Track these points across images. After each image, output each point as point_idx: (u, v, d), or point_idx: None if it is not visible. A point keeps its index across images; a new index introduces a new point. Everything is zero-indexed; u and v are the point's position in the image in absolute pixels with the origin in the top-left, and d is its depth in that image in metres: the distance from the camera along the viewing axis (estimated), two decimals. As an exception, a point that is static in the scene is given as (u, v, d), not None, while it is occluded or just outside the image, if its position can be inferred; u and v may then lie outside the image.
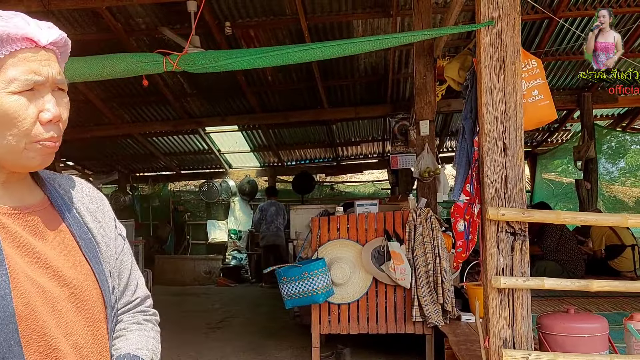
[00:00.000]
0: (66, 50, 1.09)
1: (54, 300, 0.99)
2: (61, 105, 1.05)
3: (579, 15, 6.84)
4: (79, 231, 1.10)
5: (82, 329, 1.03)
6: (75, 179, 1.21)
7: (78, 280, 1.04)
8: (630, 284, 2.87)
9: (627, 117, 10.10)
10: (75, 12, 6.42)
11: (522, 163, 2.71)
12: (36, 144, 1.01)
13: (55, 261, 1.03)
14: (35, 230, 1.04)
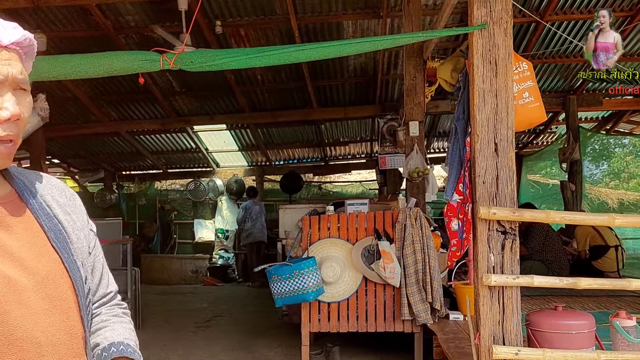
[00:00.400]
0: (31, 51, 1.09)
1: (19, 290, 1.00)
2: (22, 105, 1.05)
3: (565, 19, 6.94)
4: (48, 222, 1.10)
5: (51, 317, 1.03)
6: (44, 175, 1.22)
7: (45, 269, 1.05)
8: (615, 281, 2.93)
9: (611, 120, 10.26)
10: (64, 9, 6.39)
11: (513, 163, 2.76)
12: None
13: (21, 251, 1.03)
14: (1, 222, 1.04)
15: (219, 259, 11.35)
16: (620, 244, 6.82)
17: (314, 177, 13.32)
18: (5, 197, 1.08)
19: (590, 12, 6.78)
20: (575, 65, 8.34)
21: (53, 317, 1.03)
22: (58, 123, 8.98)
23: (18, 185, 1.11)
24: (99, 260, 1.25)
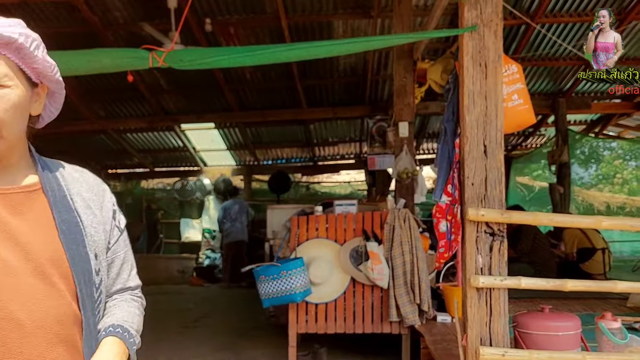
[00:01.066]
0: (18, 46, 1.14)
1: (14, 274, 1.08)
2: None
3: (555, 22, 6.99)
4: (64, 215, 1.18)
5: (42, 303, 1.10)
6: (79, 170, 1.32)
7: (45, 257, 1.12)
8: (602, 283, 2.95)
9: (600, 123, 10.35)
10: (52, 5, 6.33)
11: (501, 165, 2.76)
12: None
13: (26, 237, 1.11)
14: (15, 209, 1.13)
15: (206, 259, 11.29)
16: (607, 247, 6.87)
17: (303, 177, 13.31)
18: (29, 187, 1.18)
19: (579, 15, 6.83)
20: (564, 68, 8.40)
21: (44, 303, 1.10)
22: (44, 120, 8.87)
23: (43, 177, 1.20)
24: (118, 255, 1.32)
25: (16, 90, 1.14)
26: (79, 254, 1.17)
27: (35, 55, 1.17)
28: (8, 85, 1.13)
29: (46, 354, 1.10)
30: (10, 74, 1.13)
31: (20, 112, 1.16)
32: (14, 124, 1.15)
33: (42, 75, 1.22)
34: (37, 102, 1.24)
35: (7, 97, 1.12)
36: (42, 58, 1.19)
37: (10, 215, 1.12)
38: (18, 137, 1.19)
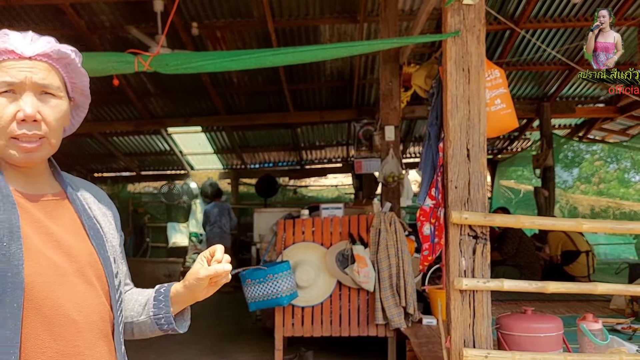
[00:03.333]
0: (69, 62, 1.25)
1: (63, 274, 1.17)
2: (45, 107, 1.20)
3: (539, 27, 7.07)
4: (88, 221, 1.28)
5: (87, 301, 1.20)
6: (89, 183, 1.42)
7: (84, 259, 1.22)
8: (582, 285, 2.99)
9: (584, 127, 10.47)
10: (38, 8, 6.29)
11: (484, 169, 2.80)
12: (14, 140, 1.17)
13: (66, 241, 1.20)
14: (50, 214, 1.22)
15: (193, 263, 11.21)
16: (591, 250, 6.95)
17: (290, 181, 13.31)
18: (56, 195, 1.27)
19: (563, 21, 6.92)
20: (549, 73, 8.50)
21: (89, 301, 1.20)
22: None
23: (66, 187, 1.30)
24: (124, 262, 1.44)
25: (65, 102, 1.24)
26: (106, 257, 1.27)
27: (80, 70, 1.28)
28: (60, 96, 1.23)
29: (95, 348, 1.19)
30: (61, 87, 1.23)
31: (64, 122, 1.26)
32: (59, 133, 1.24)
33: (77, 89, 1.31)
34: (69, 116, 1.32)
35: (60, 107, 1.22)
36: (83, 74, 1.30)
37: (49, 221, 1.21)
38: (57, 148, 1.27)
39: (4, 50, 1.18)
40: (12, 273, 1.09)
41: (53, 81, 1.21)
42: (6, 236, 1.10)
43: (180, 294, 1.37)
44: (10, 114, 1.16)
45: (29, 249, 1.13)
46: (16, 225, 1.13)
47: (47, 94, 1.21)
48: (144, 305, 1.40)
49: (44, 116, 1.19)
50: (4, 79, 1.16)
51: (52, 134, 1.21)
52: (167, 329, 1.39)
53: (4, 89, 1.17)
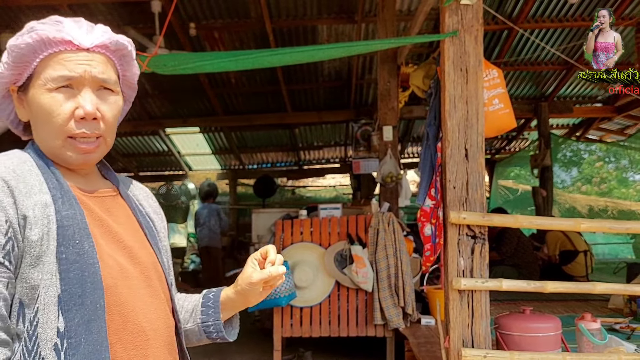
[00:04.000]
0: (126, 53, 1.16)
1: (130, 277, 1.09)
2: (104, 104, 1.11)
3: (536, 27, 7.08)
4: (143, 220, 1.20)
5: (152, 305, 1.11)
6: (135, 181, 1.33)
7: (146, 260, 1.14)
8: (581, 285, 3.00)
9: (582, 127, 10.48)
10: (35, 9, 6.28)
11: (482, 169, 2.80)
12: (72, 140, 1.08)
13: (128, 241, 1.12)
14: (110, 212, 1.14)
15: (191, 263, 11.23)
16: (589, 249, 6.96)
17: (288, 182, 13.30)
18: (111, 192, 1.19)
19: (560, 21, 6.93)
20: (547, 73, 8.51)
21: (153, 306, 1.11)
22: (27, 124, 8.81)
23: (119, 186, 1.22)
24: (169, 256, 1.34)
25: (121, 97, 1.17)
26: (162, 258, 1.20)
27: (134, 64, 1.20)
28: (117, 91, 1.14)
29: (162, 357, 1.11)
30: (117, 81, 1.15)
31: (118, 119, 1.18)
32: (115, 131, 1.16)
33: (127, 83, 1.23)
34: None
35: (117, 103, 1.14)
36: (136, 66, 1.22)
37: (109, 219, 1.12)
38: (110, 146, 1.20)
39: (61, 40, 1.08)
40: (89, 272, 1.01)
41: (111, 75, 1.12)
42: (77, 233, 1.02)
43: (231, 300, 1.28)
44: (68, 112, 1.07)
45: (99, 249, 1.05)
46: (83, 221, 1.05)
47: (105, 90, 1.11)
48: (191, 312, 1.30)
49: (103, 114, 1.10)
50: (61, 73, 1.06)
51: (108, 132, 1.12)
52: (216, 337, 1.30)
53: (61, 84, 1.07)
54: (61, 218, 1.02)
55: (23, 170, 1.06)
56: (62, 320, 0.98)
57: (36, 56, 1.08)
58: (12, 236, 0.98)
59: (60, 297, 0.98)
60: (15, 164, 1.07)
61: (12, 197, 1.00)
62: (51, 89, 1.07)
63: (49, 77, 1.07)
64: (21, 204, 1.00)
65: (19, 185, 1.02)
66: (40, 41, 1.07)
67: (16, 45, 1.08)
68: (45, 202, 1.02)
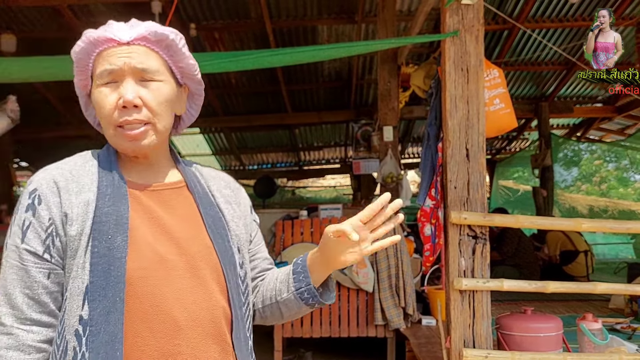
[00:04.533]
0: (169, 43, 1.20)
1: (171, 267, 1.13)
2: (146, 91, 1.16)
3: (537, 27, 7.07)
4: (209, 210, 1.23)
5: (194, 296, 1.14)
6: (215, 170, 1.37)
7: (195, 251, 1.16)
8: (582, 285, 3.00)
9: (582, 127, 10.48)
10: (35, 9, 6.28)
11: (483, 169, 2.80)
12: (119, 129, 1.15)
13: (178, 232, 1.17)
14: (166, 204, 1.20)
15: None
16: (590, 250, 6.95)
17: (288, 182, 13.30)
18: (176, 184, 1.24)
19: (560, 21, 6.93)
20: (547, 73, 8.50)
21: (196, 296, 1.13)
22: (27, 125, 8.81)
23: (187, 176, 1.27)
24: (260, 249, 1.39)
25: (167, 85, 1.20)
26: (224, 248, 1.21)
27: (183, 53, 1.23)
28: (161, 79, 1.18)
29: (199, 348, 1.12)
30: (162, 70, 1.19)
31: (170, 107, 1.21)
32: (165, 118, 1.20)
33: (186, 74, 1.27)
34: (181, 103, 1.29)
35: (160, 90, 1.18)
36: (188, 57, 1.24)
37: (163, 211, 1.18)
38: (167, 134, 1.24)
39: (104, 39, 1.17)
40: (114, 266, 1.08)
41: (152, 64, 1.17)
42: (112, 228, 1.10)
43: (317, 262, 1.28)
44: (113, 102, 1.15)
45: (136, 242, 1.12)
46: (124, 216, 1.12)
47: (148, 80, 1.17)
48: (285, 282, 1.31)
49: (145, 101, 1.15)
50: (104, 67, 1.15)
51: (156, 118, 1.17)
52: (313, 302, 1.29)
53: (107, 80, 1.16)
54: (100, 214, 1.11)
55: (80, 171, 1.17)
56: (87, 309, 1.06)
57: (90, 58, 1.18)
58: (54, 232, 1.10)
59: (88, 287, 1.07)
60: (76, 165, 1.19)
61: (59, 196, 1.12)
62: (100, 84, 1.16)
63: (98, 73, 1.16)
64: (66, 202, 1.12)
65: (70, 185, 1.14)
66: (89, 43, 1.17)
67: (74, 51, 1.19)
68: (88, 201, 1.12)
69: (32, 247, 1.10)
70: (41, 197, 1.12)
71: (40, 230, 1.10)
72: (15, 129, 5.93)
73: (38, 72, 2.79)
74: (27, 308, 1.09)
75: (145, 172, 1.23)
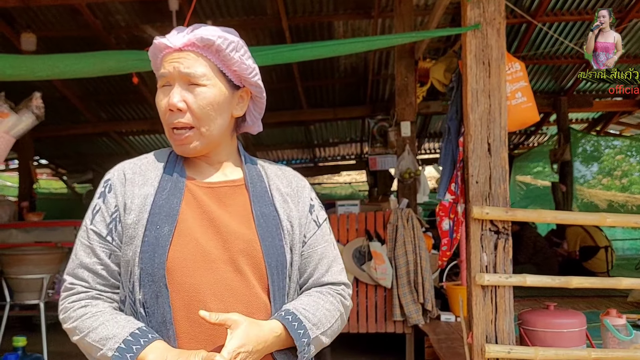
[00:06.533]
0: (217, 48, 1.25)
1: (210, 260, 1.19)
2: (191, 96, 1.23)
3: (556, 21, 6.98)
4: (264, 208, 1.28)
5: (233, 290, 1.18)
6: (283, 169, 1.42)
7: (238, 246, 1.21)
8: (606, 280, 2.95)
9: (601, 121, 10.34)
10: (54, 8, 6.33)
11: (505, 163, 2.77)
12: (171, 131, 1.26)
13: (226, 228, 1.22)
14: (221, 201, 1.27)
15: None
16: (610, 245, 6.87)
17: (303, 179, 13.29)
18: (234, 182, 1.31)
19: (580, 14, 6.83)
20: (565, 67, 8.40)
21: (234, 290, 1.18)
22: (47, 123, 8.90)
23: (247, 173, 1.33)
24: (316, 250, 1.33)
25: (213, 90, 1.24)
26: (273, 246, 1.23)
27: (232, 57, 1.27)
28: (205, 84, 1.24)
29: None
30: (210, 74, 1.24)
31: (217, 110, 1.25)
32: (210, 121, 1.25)
33: (242, 78, 1.31)
34: (239, 105, 1.33)
35: (203, 94, 1.23)
36: (240, 60, 1.28)
37: (216, 207, 1.25)
38: (219, 135, 1.29)
39: (164, 45, 1.25)
40: (158, 254, 1.16)
41: (197, 70, 1.23)
42: (162, 219, 1.19)
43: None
44: (165, 105, 1.24)
45: (182, 233, 1.19)
46: (175, 209, 1.21)
47: (195, 85, 1.24)
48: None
49: (189, 105, 1.23)
50: (160, 72, 1.26)
51: (199, 123, 1.24)
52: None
53: (162, 83, 1.26)
54: (155, 207, 1.21)
55: (149, 166, 1.29)
56: (141, 292, 1.17)
57: (156, 62, 1.30)
58: (117, 218, 1.22)
59: (141, 273, 1.17)
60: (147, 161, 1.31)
61: (124, 186, 1.25)
62: (160, 87, 1.27)
63: (157, 76, 1.28)
64: (129, 192, 1.24)
65: (136, 178, 1.26)
66: (155, 48, 1.28)
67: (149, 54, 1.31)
68: (147, 194, 1.23)
69: (98, 229, 1.23)
70: (112, 186, 1.26)
71: (106, 215, 1.23)
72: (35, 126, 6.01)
73: (61, 69, 2.81)
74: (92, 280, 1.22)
75: (207, 170, 1.32)
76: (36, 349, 4.51)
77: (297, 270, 1.29)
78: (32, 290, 5.09)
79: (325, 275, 1.33)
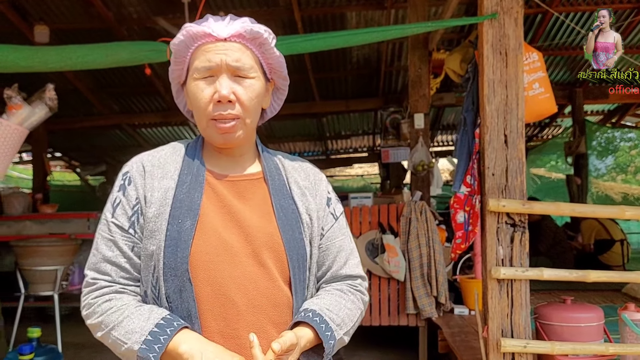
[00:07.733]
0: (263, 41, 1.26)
1: (235, 254, 1.19)
2: (239, 88, 1.23)
3: (572, 11, 6.87)
4: (283, 201, 1.28)
5: (256, 283, 1.19)
6: (301, 162, 1.42)
7: (260, 240, 1.22)
8: (625, 274, 2.91)
9: (617, 113, 10.20)
10: (66, 0, 6.34)
11: (522, 155, 2.73)
12: (212, 122, 1.23)
13: (247, 221, 1.23)
14: (241, 195, 1.27)
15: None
16: (626, 239, 6.78)
17: (315, 171, 13.27)
18: (253, 175, 1.32)
19: (597, 4, 6.72)
20: (581, 58, 8.26)
21: (258, 283, 1.19)
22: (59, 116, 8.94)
23: (266, 167, 1.33)
24: (334, 243, 1.35)
25: (259, 82, 1.27)
26: (294, 239, 1.24)
27: (274, 51, 1.29)
28: (253, 76, 1.25)
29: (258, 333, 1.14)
30: (255, 67, 1.26)
31: (259, 102, 1.29)
32: (254, 113, 1.28)
33: (274, 70, 1.33)
34: (266, 97, 1.35)
35: (253, 87, 1.25)
36: (277, 55, 1.31)
37: (236, 201, 1.26)
38: (255, 127, 1.32)
39: (203, 33, 1.23)
40: (180, 248, 1.16)
41: (246, 62, 1.24)
42: (184, 213, 1.19)
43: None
44: (209, 96, 1.22)
45: (204, 228, 1.20)
46: (196, 203, 1.21)
47: (241, 77, 1.24)
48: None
49: (238, 96, 1.23)
50: (203, 64, 1.22)
51: (246, 114, 1.25)
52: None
53: (204, 75, 1.23)
54: (176, 201, 1.21)
55: (167, 159, 1.29)
56: (164, 286, 1.17)
57: (188, 51, 1.25)
58: (139, 210, 1.23)
59: (164, 266, 1.17)
60: (165, 154, 1.30)
61: (144, 179, 1.25)
62: (197, 78, 1.24)
63: (195, 67, 1.24)
64: (149, 185, 1.24)
65: (156, 171, 1.26)
66: (188, 36, 1.24)
67: (174, 43, 1.26)
68: (168, 188, 1.23)
69: (120, 222, 1.23)
70: (131, 178, 1.26)
71: (127, 208, 1.23)
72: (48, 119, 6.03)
73: (74, 60, 2.81)
74: (115, 274, 1.22)
75: (227, 164, 1.32)
76: (50, 339, 4.54)
77: (315, 263, 1.30)
78: (46, 281, 5.13)
79: (343, 267, 1.36)
